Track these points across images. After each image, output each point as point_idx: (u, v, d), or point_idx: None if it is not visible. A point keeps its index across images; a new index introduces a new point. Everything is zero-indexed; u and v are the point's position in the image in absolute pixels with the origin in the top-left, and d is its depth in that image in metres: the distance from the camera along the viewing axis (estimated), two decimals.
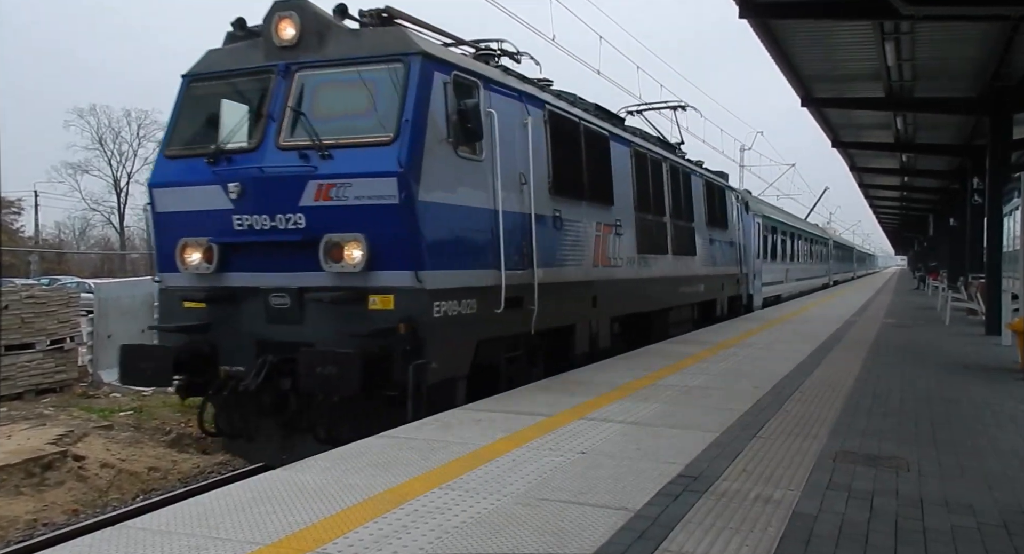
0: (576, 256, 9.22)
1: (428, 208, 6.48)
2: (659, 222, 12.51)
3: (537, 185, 8.11)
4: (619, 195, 10.66)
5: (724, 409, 6.64)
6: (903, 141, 23.82)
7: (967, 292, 21.29)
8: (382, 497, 4.12)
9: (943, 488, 4.55)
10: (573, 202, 9.13)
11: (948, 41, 13.87)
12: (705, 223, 15.46)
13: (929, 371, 9.50)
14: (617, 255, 10.54)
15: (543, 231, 8.25)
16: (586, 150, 9.62)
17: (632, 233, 11.15)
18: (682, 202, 13.86)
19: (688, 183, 14.49)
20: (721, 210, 17.20)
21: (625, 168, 11.09)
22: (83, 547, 3.41)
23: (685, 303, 14.36)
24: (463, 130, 6.86)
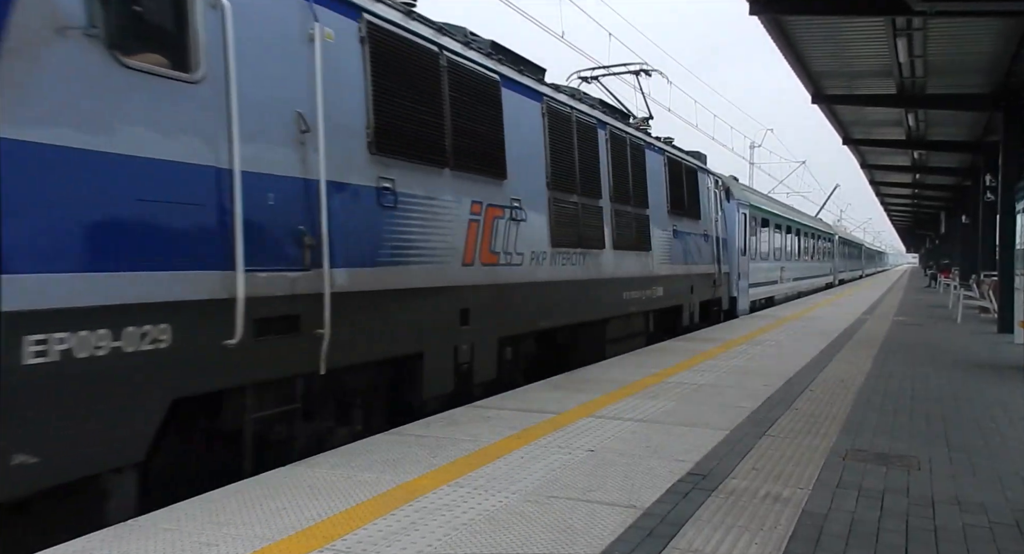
0: (427, 250, 6.29)
1: (20, 154, 3.49)
2: (591, 207, 9.56)
3: (338, 137, 5.33)
4: (519, 166, 7.83)
5: (734, 407, 6.62)
6: (915, 138, 23.67)
7: (979, 290, 21.15)
8: (391, 494, 4.13)
9: (955, 487, 4.52)
10: (422, 169, 6.25)
11: (961, 37, 13.76)
12: (667, 211, 12.56)
13: (941, 369, 9.44)
14: (512, 249, 7.68)
15: (350, 209, 5.41)
16: (453, 96, 6.76)
17: (543, 220, 8.33)
18: (630, 183, 10.92)
19: (640, 159, 11.45)
20: (691, 196, 14.07)
21: (533, 131, 8.27)
22: (95, 542, 3.42)
23: (634, 312, 11.24)
24: (133, 21, 3.97)
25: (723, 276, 16.38)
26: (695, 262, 14.27)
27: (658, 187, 12.32)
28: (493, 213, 7.38)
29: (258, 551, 3.33)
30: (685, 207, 13.62)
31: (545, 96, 8.69)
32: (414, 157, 6.20)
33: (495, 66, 7.64)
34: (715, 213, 15.96)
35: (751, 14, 12.07)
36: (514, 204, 7.78)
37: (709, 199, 15.53)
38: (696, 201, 14.50)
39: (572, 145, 9.20)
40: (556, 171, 8.74)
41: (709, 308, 15.62)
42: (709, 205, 15.51)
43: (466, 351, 6.93)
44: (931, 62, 15.33)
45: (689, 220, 13.91)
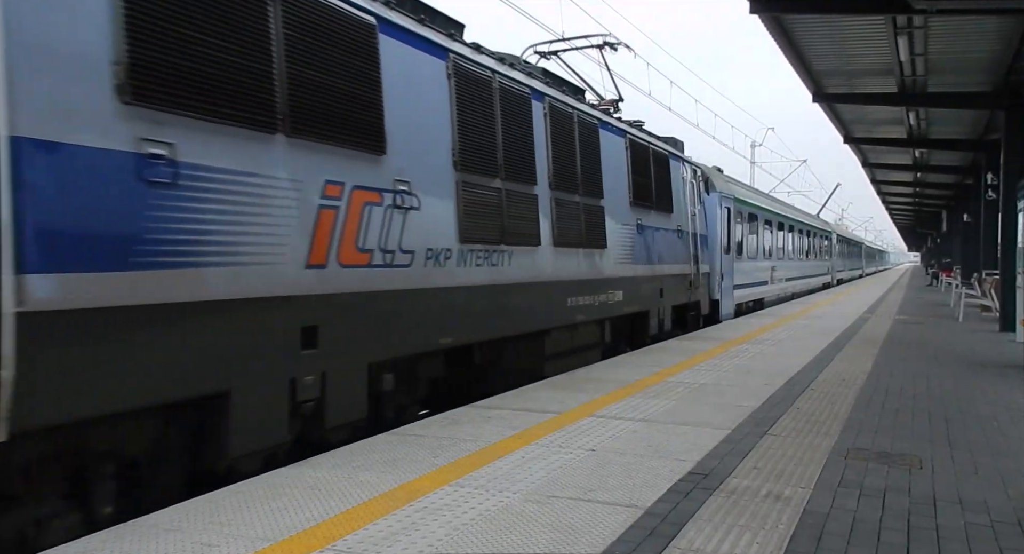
0: (237, 247, 4.55)
1: None
2: (522, 195, 7.90)
3: (47, 67, 3.56)
4: (409, 139, 6.18)
5: (735, 406, 6.62)
6: (916, 136, 23.65)
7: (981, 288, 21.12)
8: (392, 494, 4.13)
9: (957, 486, 4.51)
10: (229, 132, 4.52)
11: (962, 35, 13.75)
12: (629, 202, 10.89)
13: (942, 368, 9.43)
14: (396, 246, 5.96)
15: (74, 183, 3.66)
16: (291, 36, 5.02)
17: (448, 209, 6.66)
18: (577, 168, 9.25)
19: (592, 140, 9.76)
20: (661, 186, 12.25)
21: (434, 96, 6.58)
22: (96, 543, 3.43)
23: (583, 320, 9.48)
24: None
25: (702, 277, 14.50)
26: (666, 261, 12.42)
27: (617, 174, 10.51)
28: (363, 198, 5.56)
29: (259, 551, 3.33)
30: (653, 199, 11.82)
31: (453, 53, 6.90)
32: (212, 112, 4.37)
33: (371, 6, 5.89)
34: (692, 206, 14.06)
35: (751, 13, 12.07)
36: (399, 188, 5.98)
37: (684, 191, 13.62)
38: (667, 192, 12.55)
39: (493, 117, 7.43)
40: (468, 148, 6.96)
41: (685, 313, 13.87)
42: (684, 197, 13.60)
43: (312, 384, 5.07)
44: (932, 60, 15.32)
45: (658, 213, 12.10)
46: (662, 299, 12.33)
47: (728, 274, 16.52)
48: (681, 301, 13.36)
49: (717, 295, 15.73)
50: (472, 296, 7.02)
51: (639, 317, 11.69)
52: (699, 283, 14.39)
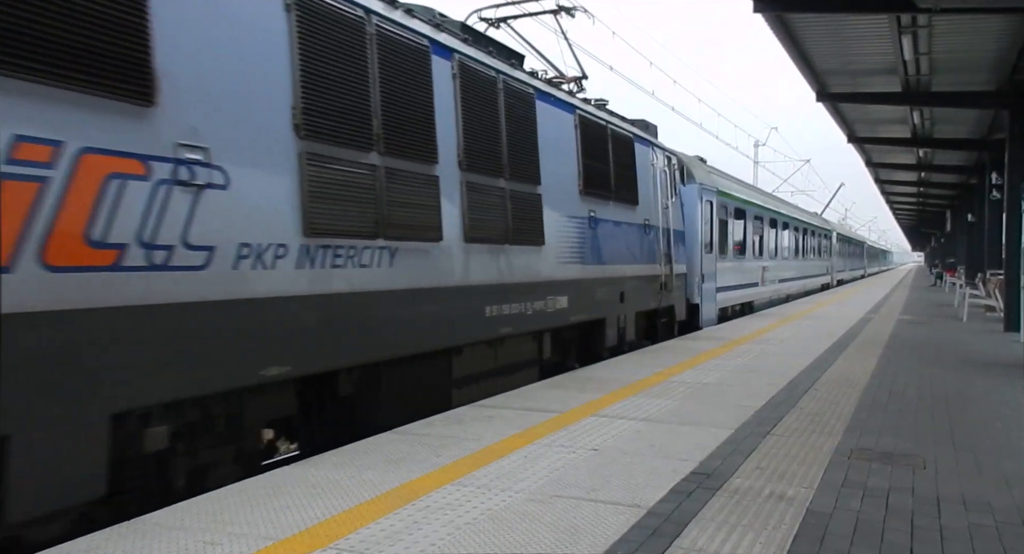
0: None
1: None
2: (414, 175, 6.28)
3: None
4: (208, 88, 4.57)
5: (738, 406, 6.61)
6: (920, 136, 23.61)
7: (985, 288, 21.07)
8: (394, 493, 4.13)
9: (960, 486, 4.50)
10: None
11: (966, 34, 13.71)
12: (579, 191, 9.24)
13: (946, 368, 9.41)
14: (178, 239, 4.31)
15: None
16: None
17: (283, 189, 5.04)
18: (503, 145, 7.57)
19: (526, 113, 8.05)
20: (623, 174, 10.55)
21: (259, 33, 4.97)
22: (99, 541, 3.43)
23: (510, 334, 7.77)
24: None
25: (677, 279, 12.74)
26: (629, 261, 10.69)
27: (562, 157, 8.84)
28: (104, 167, 3.90)
29: (262, 550, 3.34)
30: (612, 187, 10.10)
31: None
32: None
33: None
34: (664, 198, 12.34)
35: (755, 12, 12.06)
36: (186, 156, 4.34)
37: (654, 180, 11.76)
38: (631, 181, 10.80)
39: (367, 70, 5.76)
40: (318, 109, 5.29)
41: (655, 320, 12.19)
42: (654, 188, 11.75)
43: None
44: (936, 59, 15.28)
45: (619, 205, 10.37)
46: (623, 304, 10.51)
47: (710, 275, 14.91)
48: (649, 306, 11.55)
49: (697, 299, 14.02)
50: (327, 308, 5.29)
51: (593, 327, 9.89)
52: (673, 285, 12.58)
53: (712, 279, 15.07)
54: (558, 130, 8.89)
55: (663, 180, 12.38)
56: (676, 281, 12.79)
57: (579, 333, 9.80)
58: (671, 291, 12.55)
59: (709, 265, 14.85)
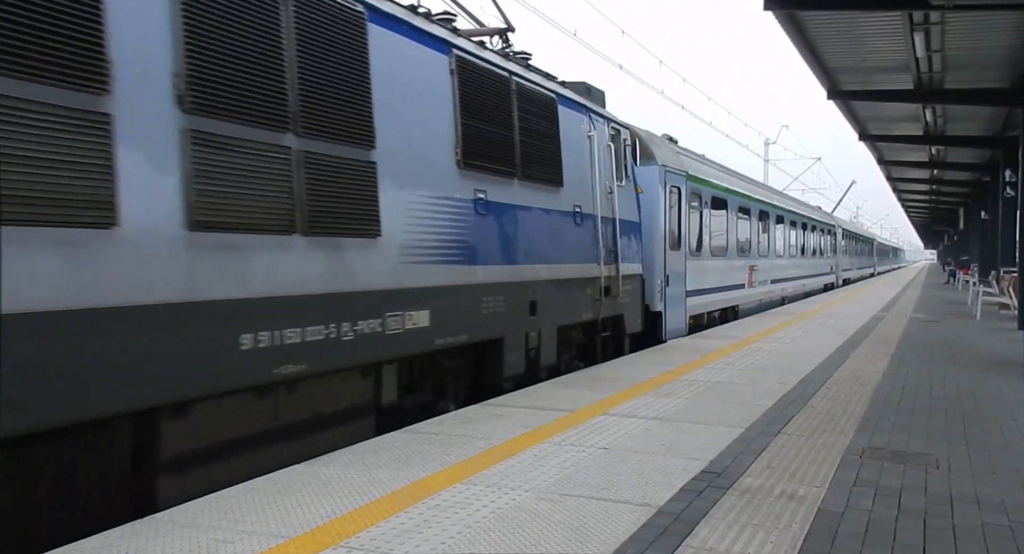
0: None
1: None
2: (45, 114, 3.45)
3: None
4: None
5: (749, 405, 6.59)
6: (932, 133, 23.47)
7: (999, 286, 20.91)
8: (405, 491, 4.14)
9: (974, 485, 4.47)
10: None
11: (979, 31, 13.61)
12: (456, 162, 6.64)
13: (959, 367, 9.35)
14: None
15: None
16: None
17: None
18: (287, 82, 4.84)
19: (340, 41, 5.37)
20: (537, 145, 7.96)
21: None
22: (112, 539, 3.46)
23: (304, 374, 4.95)
24: None
25: (627, 282, 10.05)
26: (546, 259, 8.00)
27: (422, 112, 6.26)
28: None
29: (273, 548, 3.35)
30: (517, 161, 7.48)
31: None
32: None
33: None
34: (608, 181, 9.63)
35: (765, 9, 12.02)
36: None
37: (593, 157, 9.17)
38: (552, 155, 8.17)
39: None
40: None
41: (594, 334, 9.47)
42: (591, 166, 9.13)
43: None
44: (949, 57, 15.18)
45: (531, 185, 7.74)
46: (536, 318, 7.75)
47: (678, 276, 12.35)
48: (583, 318, 8.82)
49: (658, 305, 11.50)
50: None
51: (482, 351, 7.27)
52: (622, 290, 9.88)
53: (680, 281, 12.48)
54: (416, 72, 6.20)
55: (607, 158, 9.59)
56: (627, 284, 10.06)
57: (462, 360, 7.06)
58: (617, 297, 9.73)
59: (676, 264, 12.31)
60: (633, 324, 10.51)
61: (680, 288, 12.54)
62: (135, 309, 3.85)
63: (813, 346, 10.95)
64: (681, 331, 12.51)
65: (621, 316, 10.06)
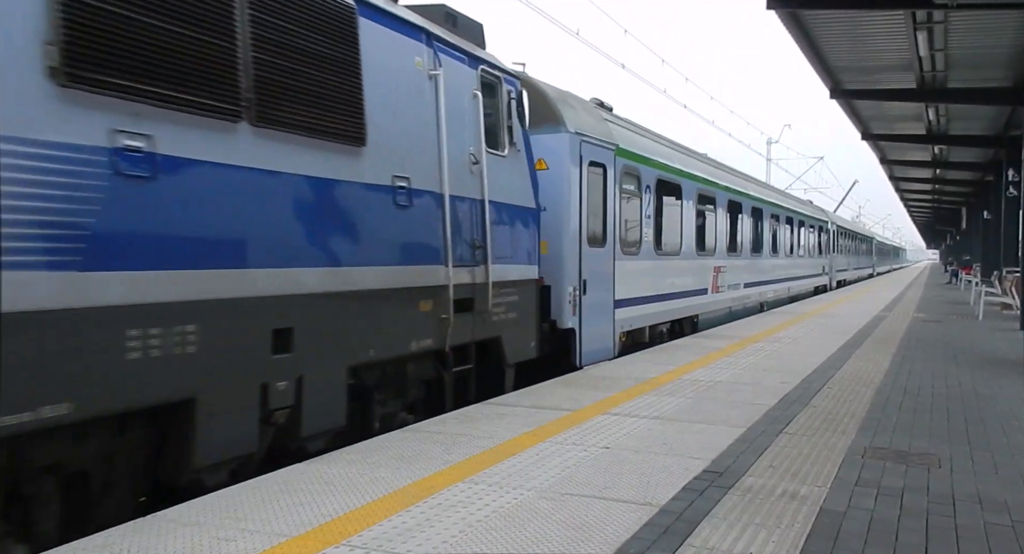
0: None
1: None
2: None
3: None
4: None
5: (751, 404, 6.59)
6: (935, 133, 23.45)
7: (1001, 286, 20.88)
8: (407, 490, 4.14)
9: (976, 485, 4.47)
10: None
11: (982, 30, 13.60)
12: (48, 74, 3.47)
13: (961, 366, 9.34)
14: None
15: None
16: None
17: None
18: None
19: None
20: (316, 74, 5.10)
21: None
22: (115, 537, 3.46)
23: None
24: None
25: (509, 291, 7.49)
26: (328, 259, 5.25)
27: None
28: None
29: (275, 547, 3.36)
30: (244, 93, 4.58)
31: None
32: None
33: None
34: (469, 145, 6.87)
35: (768, 8, 12.01)
36: None
37: (437, 108, 6.42)
38: (344, 94, 5.41)
39: None
40: None
41: (446, 368, 6.69)
42: (433, 121, 6.38)
43: None
44: (952, 56, 15.16)
45: (288, 138, 4.91)
46: (288, 357, 4.88)
47: (601, 281, 9.48)
48: (414, 347, 6.08)
49: (570, 320, 8.73)
50: None
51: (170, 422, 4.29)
52: (498, 302, 7.23)
53: (604, 287, 9.59)
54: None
55: (472, 114, 6.87)
56: (507, 295, 7.42)
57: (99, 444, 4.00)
58: (488, 313, 7.05)
59: (598, 266, 9.41)
60: (521, 349, 7.73)
61: (605, 296, 9.61)
62: None
63: (815, 346, 10.94)
64: (606, 353, 9.57)
65: (498, 339, 7.25)
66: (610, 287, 9.82)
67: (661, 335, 12.16)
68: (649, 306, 11.27)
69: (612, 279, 9.85)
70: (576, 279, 8.93)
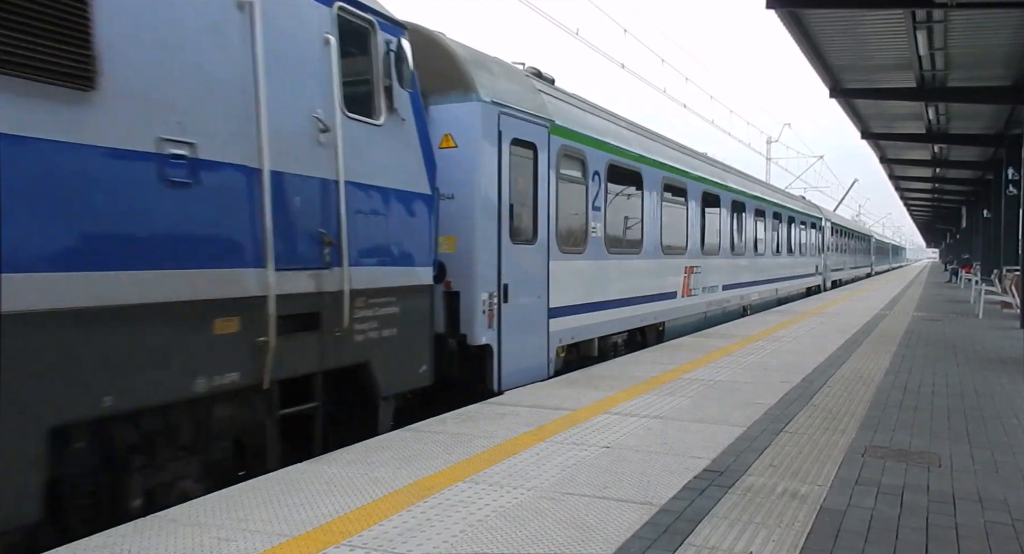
0: None
1: None
2: None
3: None
4: None
5: (751, 403, 6.59)
6: (935, 131, 23.45)
7: (1001, 285, 20.89)
8: (407, 490, 4.14)
9: (976, 483, 4.47)
10: None
11: (982, 29, 13.60)
12: None
13: (961, 365, 9.34)
14: None
15: None
16: None
17: None
18: None
19: None
20: None
21: None
22: (116, 538, 3.47)
23: None
24: None
25: (385, 300, 5.79)
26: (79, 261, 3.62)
27: None
28: None
29: (277, 547, 3.36)
30: None
31: None
32: None
33: None
34: (314, 106, 5.10)
35: (768, 8, 12.01)
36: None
37: (253, 52, 4.61)
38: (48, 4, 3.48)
39: None
40: None
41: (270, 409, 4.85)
42: (250, 70, 4.58)
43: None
44: (952, 55, 15.17)
45: None
46: None
47: (529, 285, 7.84)
48: (217, 382, 4.34)
49: (483, 335, 7.07)
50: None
51: None
52: (364, 316, 5.55)
53: (535, 293, 7.97)
54: None
55: (319, 65, 5.18)
56: (387, 306, 5.81)
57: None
58: (351, 333, 5.39)
59: (526, 267, 7.82)
60: (404, 375, 6.02)
61: (535, 304, 7.97)
62: None
63: (815, 344, 10.94)
64: (537, 372, 7.94)
65: (366, 365, 5.57)
66: (543, 292, 8.10)
67: (616, 347, 10.30)
68: (597, 314, 9.45)
69: (546, 283, 8.14)
70: (494, 283, 7.25)
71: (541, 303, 8.09)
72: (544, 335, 8.15)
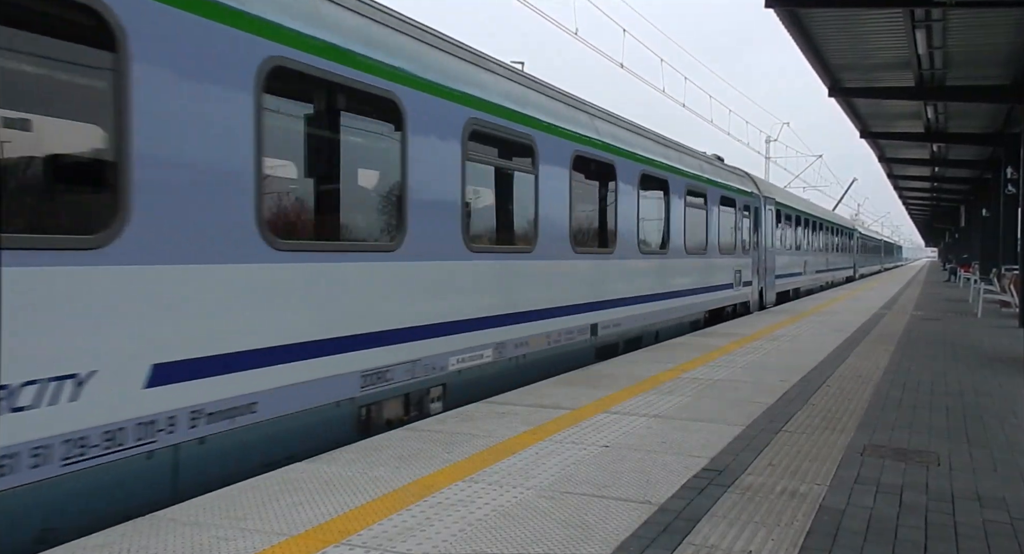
0: None
1: None
2: None
3: None
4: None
5: (750, 402, 6.59)
6: (934, 130, 23.45)
7: (1000, 284, 20.89)
8: (406, 489, 4.14)
9: (975, 482, 4.47)
10: None
11: (981, 28, 13.60)
12: None
13: (960, 364, 9.34)
14: None
15: None
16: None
17: None
18: None
19: None
20: None
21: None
22: (114, 537, 3.46)
23: None
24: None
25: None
26: None
27: None
28: None
29: (275, 546, 3.35)
30: None
31: None
32: None
33: None
34: None
35: (767, 7, 12.00)
36: None
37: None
38: None
39: None
40: None
41: None
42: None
43: None
44: (950, 54, 15.17)
45: None
46: None
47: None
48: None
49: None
50: None
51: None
52: None
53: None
54: None
55: None
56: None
57: None
58: None
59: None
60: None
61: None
62: None
63: (814, 344, 10.94)
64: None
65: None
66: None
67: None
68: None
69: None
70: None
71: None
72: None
